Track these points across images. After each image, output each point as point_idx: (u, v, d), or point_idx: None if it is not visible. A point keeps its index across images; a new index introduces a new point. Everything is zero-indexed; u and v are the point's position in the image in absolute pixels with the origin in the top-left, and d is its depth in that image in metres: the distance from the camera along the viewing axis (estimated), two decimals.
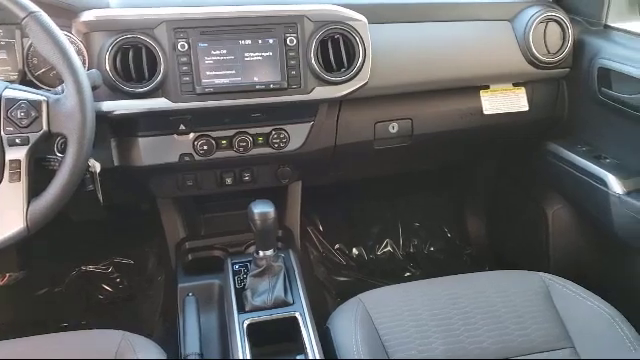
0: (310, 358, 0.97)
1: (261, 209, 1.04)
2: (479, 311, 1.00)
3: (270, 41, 1.05)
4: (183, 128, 1.09)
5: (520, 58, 1.27)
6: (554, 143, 1.39)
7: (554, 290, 1.04)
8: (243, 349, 0.98)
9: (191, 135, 1.11)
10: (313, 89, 1.09)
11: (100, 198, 1.01)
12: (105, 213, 1.41)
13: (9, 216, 0.82)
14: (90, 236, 1.66)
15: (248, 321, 1.03)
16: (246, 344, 0.99)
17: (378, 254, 1.87)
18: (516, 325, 0.98)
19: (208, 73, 1.03)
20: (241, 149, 1.13)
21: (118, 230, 1.69)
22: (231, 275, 1.15)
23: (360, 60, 1.10)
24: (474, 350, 0.95)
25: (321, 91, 1.10)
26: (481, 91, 1.30)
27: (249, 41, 1.04)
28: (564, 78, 1.34)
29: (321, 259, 1.82)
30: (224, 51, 1.03)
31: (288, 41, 1.06)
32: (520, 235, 1.66)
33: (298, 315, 1.04)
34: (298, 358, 0.99)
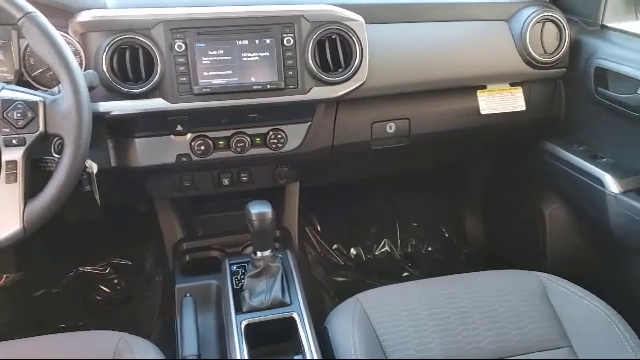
0: (308, 358, 0.97)
1: (258, 209, 1.04)
2: (476, 311, 1.00)
3: (267, 41, 1.05)
4: (180, 129, 1.09)
5: (517, 58, 1.27)
6: (551, 143, 1.39)
7: (551, 289, 1.05)
8: (241, 350, 0.98)
9: (188, 136, 1.11)
10: (310, 89, 1.09)
11: (97, 199, 1.00)
12: (102, 214, 1.41)
13: (5, 217, 0.82)
14: (87, 237, 1.66)
15: (246, 322, 1.03)
16: (244, 345, 0.99)
17: (376, 254, 1.87)
18: (513, 324, 0.98)
19: (205, 73, 1.03)
20: (238, 149, 1.13)
21: (115, 231, 1.69)
22: (229, 276, 1.15)
23: (357, 60, 1.10)
24: (472, 350, 0.95)
25: (318, 91, 1.10)
26: (478, 91, 1.30)
27: (246, 41, 1.04)
28: (561, 78, 1.34)
29: (319, 259, 1.82)
30: (221, 51, 1.03)
31: (285, 41, 1.06)
32: (517, 235, 1.66)
33: (296, 315, 1.04)
34: (296, 358, 0.99)
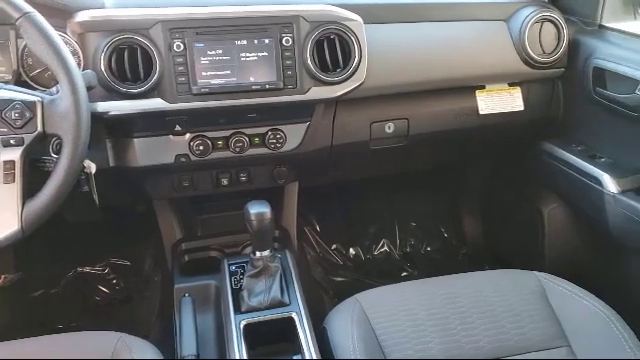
0: (307, 358, 0.97)
1: (257, 209, 1.04)
2: (475, 310, 1.00)
3: (266, 41, 1.05)
4: (179, 129, 1.09)
5: (515, 58, 1.27)
6: (549, 143, 1.39)
7: (550, 289, 1.05)
8: (240, 350, 0.98)
9: (187, 136, 1.11)
10: (309, 89, 1.09)
11: (96, 199, 1.00)
12: (101, 214, 1.41)
13: (4, 217, 0.82)
14: (86, 237, 1.66)
15: (245, 322, 1.03)
16: (243, 345, 0.99)
17: (375, 254, 1.88)
18: (512, 324, 0.98)
19: (204, 73, 1.03)
20: (237, 149, 1.13)
21: (114, 231, 1.69)
22: (228, 276, 1.15)
23: (356, 60, 1.10)
24: (470, 349, 0.95)
25: (317, 91, 1.10)
26: (477, 91, 1.30)
27: (245, 41, 1.04)
28: (559, 78, 1.34)
29: (318, 259, 1.82)
30: (220, 51, 1.03)
31: (284, 41, 1.06)
32: (516, 234, 1.67)
33: (295, 315, 1.04)
34: (295, 358, 0.99)
